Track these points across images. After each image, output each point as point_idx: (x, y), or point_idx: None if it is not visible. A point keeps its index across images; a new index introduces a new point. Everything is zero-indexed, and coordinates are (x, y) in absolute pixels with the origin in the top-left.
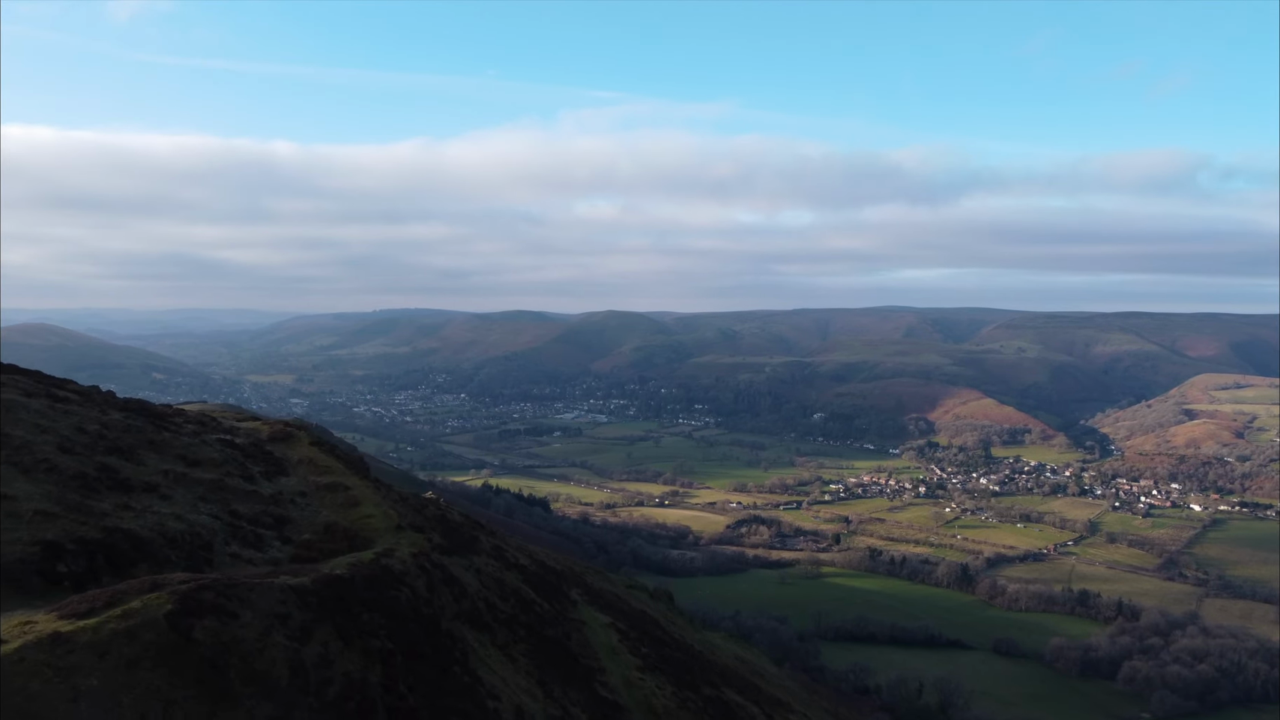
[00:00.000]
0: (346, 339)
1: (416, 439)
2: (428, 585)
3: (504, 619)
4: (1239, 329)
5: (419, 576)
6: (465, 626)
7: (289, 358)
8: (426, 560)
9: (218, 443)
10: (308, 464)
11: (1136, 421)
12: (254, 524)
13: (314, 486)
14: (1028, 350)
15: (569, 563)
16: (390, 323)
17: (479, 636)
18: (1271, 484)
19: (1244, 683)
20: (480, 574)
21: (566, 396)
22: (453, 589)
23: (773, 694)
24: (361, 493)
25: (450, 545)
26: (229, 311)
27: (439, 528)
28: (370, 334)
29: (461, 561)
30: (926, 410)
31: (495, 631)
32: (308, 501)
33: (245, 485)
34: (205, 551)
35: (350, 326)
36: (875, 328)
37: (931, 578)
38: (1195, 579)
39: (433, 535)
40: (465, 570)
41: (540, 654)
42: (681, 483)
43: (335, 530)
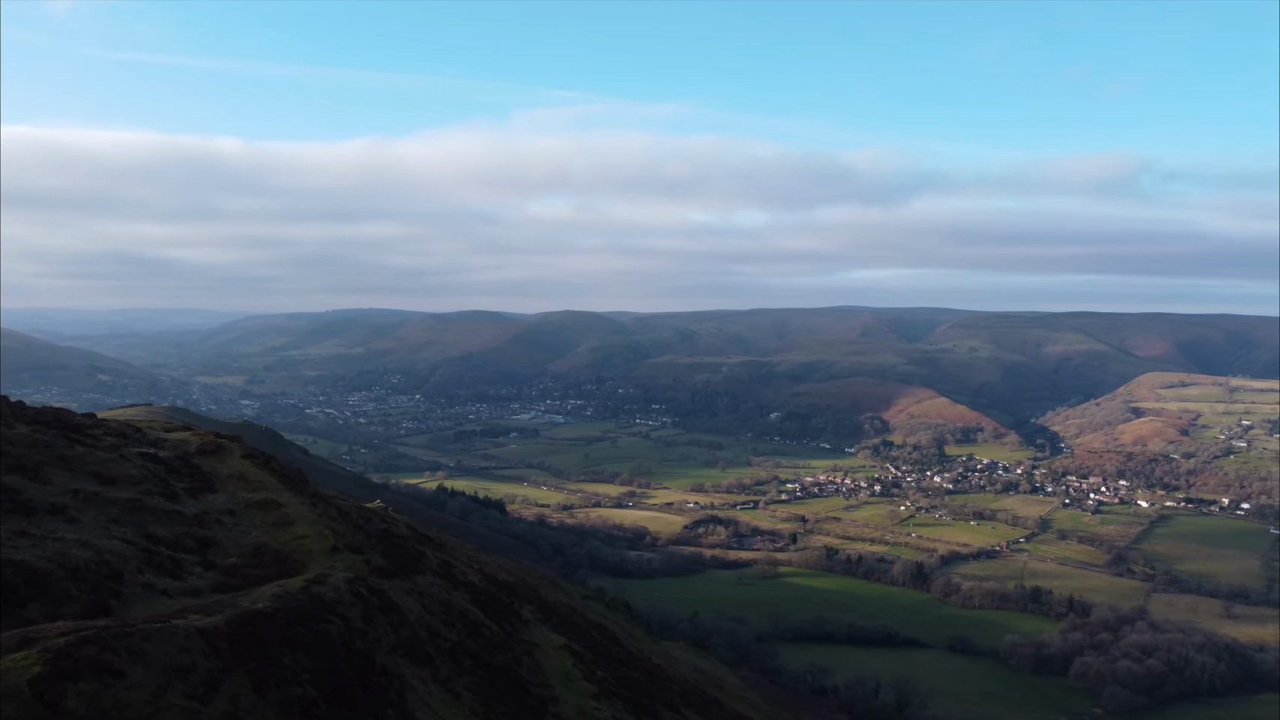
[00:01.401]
0: (299, 339)
1: (370, 441)
2: (363, 615)
3: (448, 648)
4: (1185, 329)
5: (354, 605)
6: (404, 660)
7: (240, 359)
8: (363, 586)
9: (139, 457)
10: (238, 479)
11: (1086, 420)
12: (173, 548)
13: (244, 504)
14: (981, 350)
15: (523, 573)
16: (344, 323)
17: (419, 671)
18: (1216, 480)
19: (1191, 677)
20: (424, 597)
21: (523, 397)
22: (392, 617)
23: (734, 709)
24: (296, 510)
25: (392, 566)
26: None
27: (381, 545)
28: (324, 334)
29: (404, 584)
30: (882, 409)
31: (438, 664)
32: (236, 521)
33: (166, 504)
34: (114, 583)
35: (303, 327)
36: (832, 328)
37: (887, 576)
38: (1143, 575)
39: (373, 556)
40: (407, 594)
41: (487, 686)
42: (639, 483)
43: (265, 553)
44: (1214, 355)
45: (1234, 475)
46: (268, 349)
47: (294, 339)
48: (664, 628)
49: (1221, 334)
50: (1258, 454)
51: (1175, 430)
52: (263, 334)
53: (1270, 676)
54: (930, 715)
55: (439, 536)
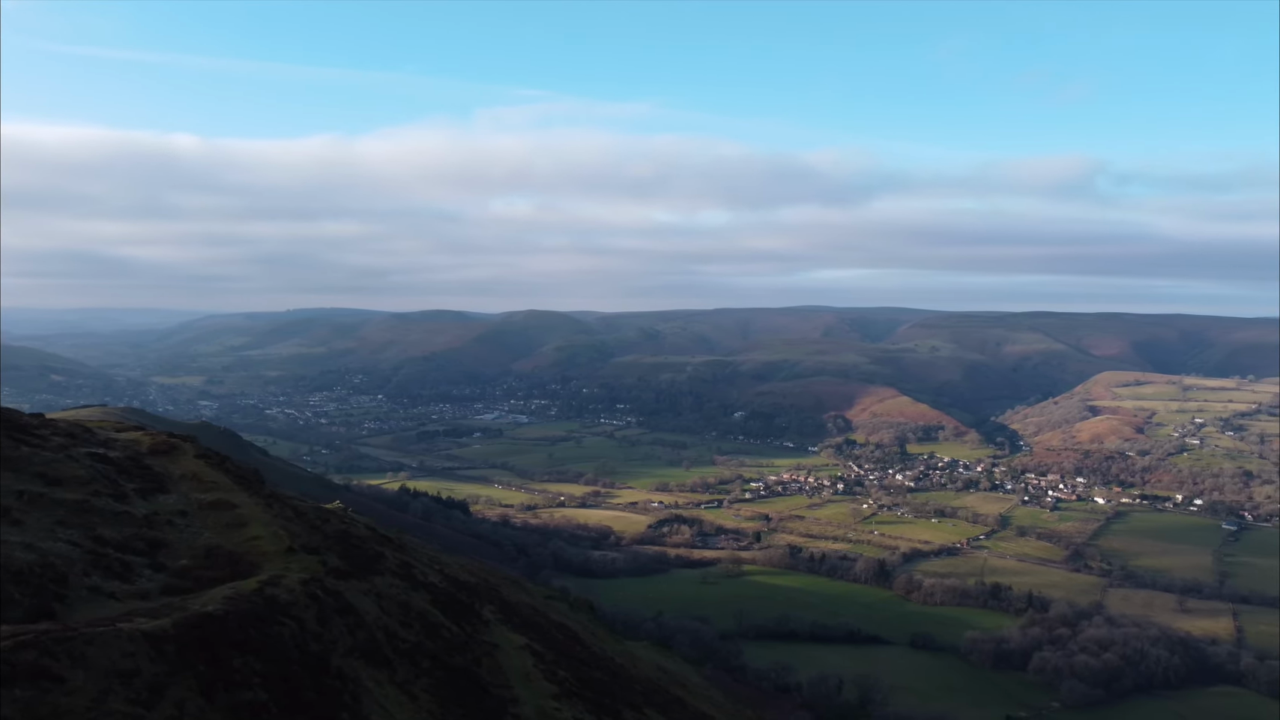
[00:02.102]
0: (259, 339)
1: (332, 441)
2: (318, 617)
3: (406, 649)
4: (1140, 329)
5: (308, 607)
6: (360, 662)
7: (198, 358)
8: (319, 587)
9: (88, 457)
10: (191, 480)
11: (1044, 418)
12: (122, 550)
13: (197, 505)
14: (942, 349)
15: (485, 574)
16: (305, 322)
17: (376, 673)
18: (1170, 477)
19: (1146, 670)
20: (382, 599)
21: (487, 397)
22: (348, 619)
23: (698, 708)
24: (250, 511)
25: (350, 567)
26: (134, 311)
27: (339, 546)
28: (284, 334)
29: (361, 585)
30: (845, 408)
31: (395, 666)
32: (188, 522)
33: (115, 506)
34: (58, 586)
35: (263, 326)
36: (795, 327)
37: (850, 574)
38: (1100, 570)
39: (329, 556)
40: (364, 596)
41: (446, 687)
42: (603, 483)
43: (217, 555)
44: (1168, 354)
45: (1187, 472)
46: (227, 349)
47: (254, 339)
48: (628, 627)
49: (1175, 334)
50: (1210, 451)
51: (1131, 428)
52: (222, 334)
53: (1222, 669)
54: (892, 711)
55: (399, 537)
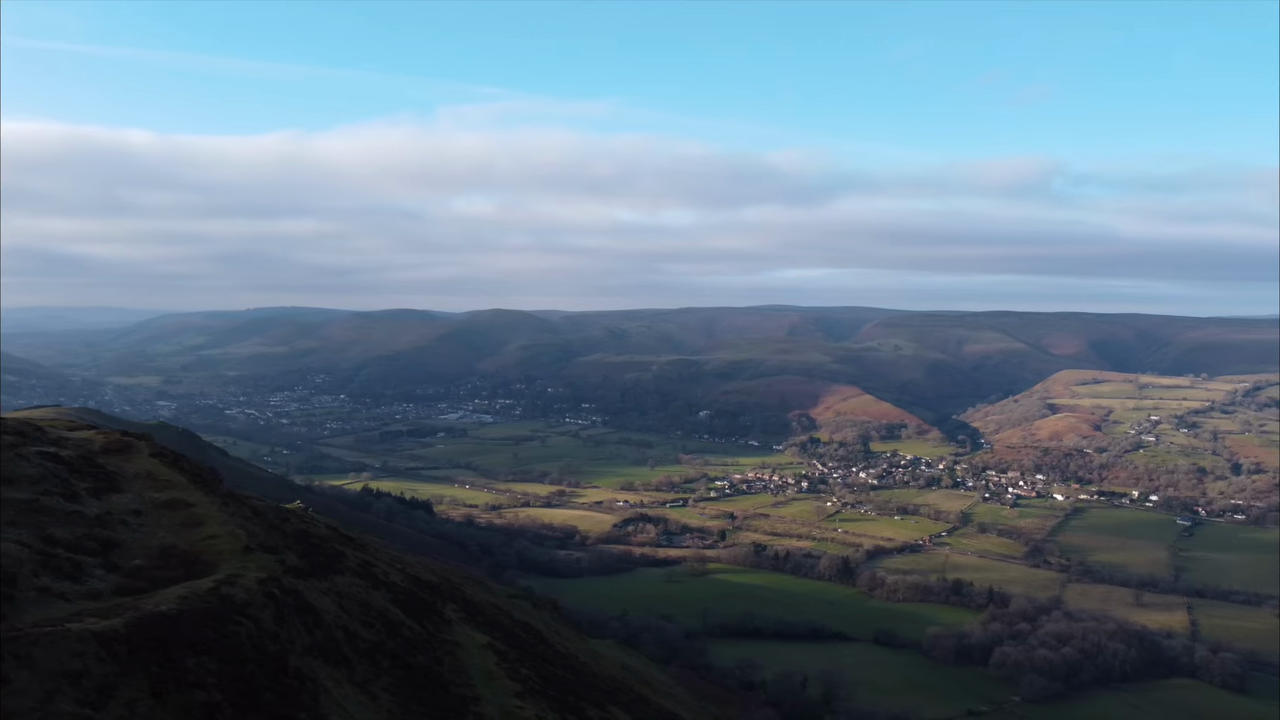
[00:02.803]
0: (219, 338)
1: (293, 442)
2: (276, 616)
3: (366, 649)
4: (1097, 327)
5: (265, 606)
6: (319, 661)
7: (156, 358)
8: (276, 586)
9: (38, 456)
10: (146, 479)
11: (1005, 416)
12: (73, 550)
13: (151, 504)
14: (904, 348)
15: (447, 573)
16: (266, 321)
17: (334, 673)
18: (1127, 474)
19: (1104, 663)
20: (342, 598)
21: (451, 397)
22: (306, 618)
23: (661, 705)
24: (206, 510)
25: (309, 566)
26: (90, 310)
27: (298, 545)
28: (245, 333)
29: (321, 584)
30: (809, 407)
31: (355, 665)
32: (142, 522)
33: (67, 505)
34: (6, 586)
35: (223, 325)
36: (760, 326)
37: (814, 571)
38: (1059, 565)
39: (288, 555)
40: (324, 595)
41: (407, 687)
42: (568, 482)
43: (172, 554)
44: (1125, 353)
45: (1143, 468)
46: (186, 348)
47: (213, 338)
48: (593, 626)
49: (1132, 333)
50: (1165, 448)
51: (1089, 426)
52: (180, 333)
53: (1177, 661)
54: (856, 707)
55: (361, 537)
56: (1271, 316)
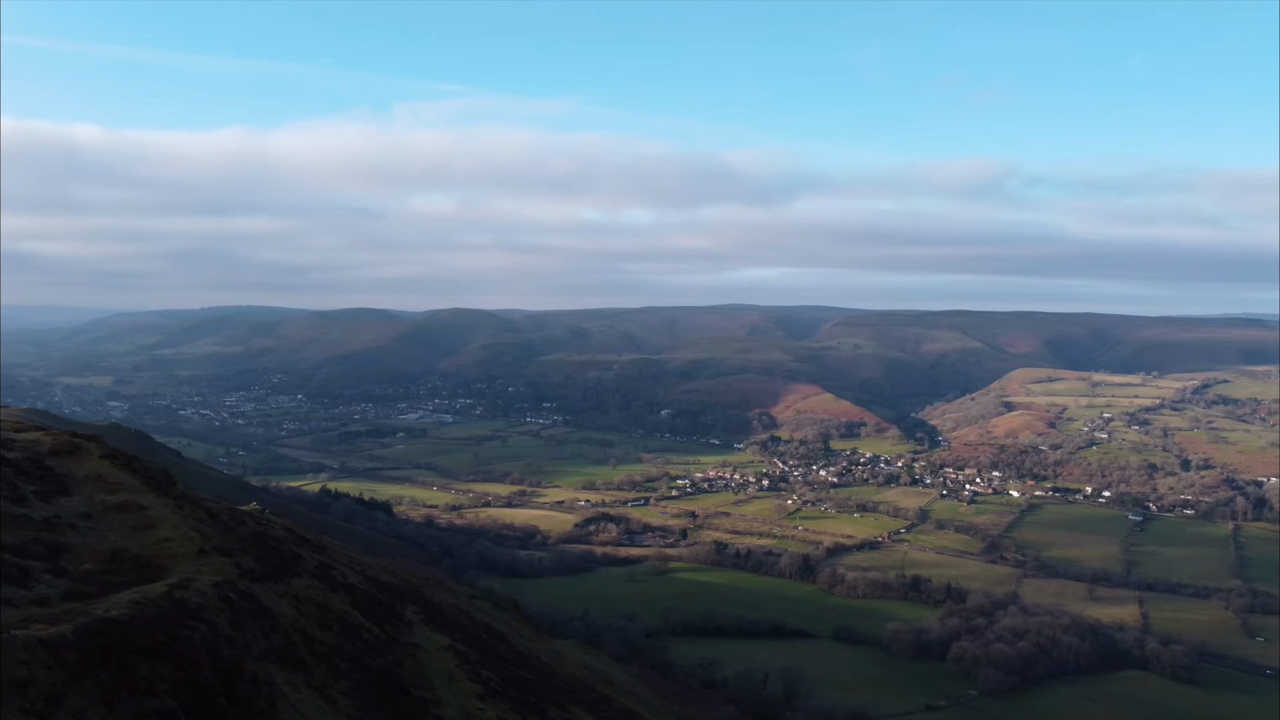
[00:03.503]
0: (173, 338)
1: (250, 442)
2: (231, 620)
3: (324, 652)
4: (1051, 326)
5: (221, 610)
6: (275, 666)
7: (108, 358)
8: (232, 590)
9: None
10: (96, 480)
11: (962, 414)
12: (20, 555)
13: (102, 507)
14: (864, 347)
15: (407, 575)
16: (221, 320)
17: (292, 677)
18: (1080, 470)
19: (1059, 657)
20: (299, 600)
21: (411, 396)
22: (263, 622)
23: (623, 705)
24: (159, 513)
25: (265, 569)
26: (38, 308)
27: (254, 548)
28: (199, 332)
29: (277, 587)
30: (770, 405)
31: (312, 669)
32: (93, 525)
33: (12, 509)
34: None
35: (177, 325)
36: (721, 325)
37: (775, 569)
38: (1015, 561)
39: (244, 558)
40: (281, 598)
41: (366, 690)
42: (530, 482)
43: (123, 558)
44: (1079, 352)
45: (1096, 465)
46: (138, 348)
47: (167, 337)
48: (555, 626)
49: (1085, 331)
50: (1117, 445)
51: (1043, 423)
52: (132, 332)
53: (1130, 654)
54: (817, 704)
55: (319, 539)
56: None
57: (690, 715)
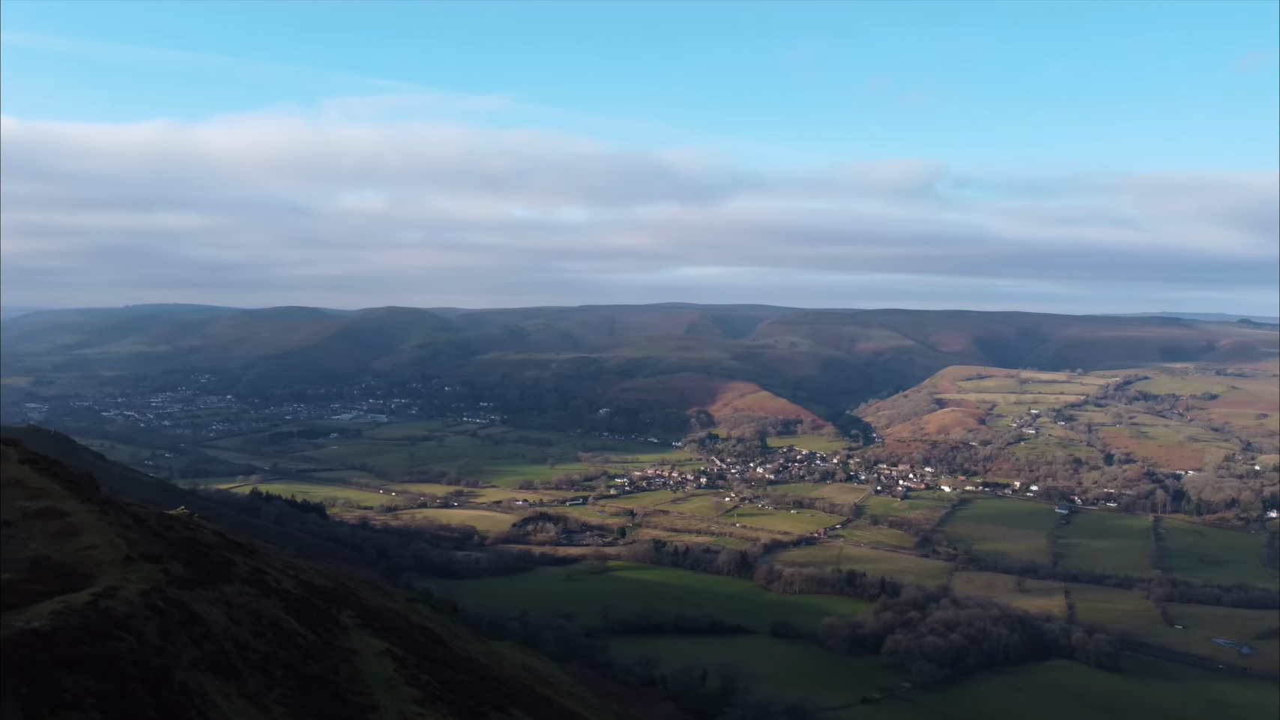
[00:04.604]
0: (95, 337)
1: (177, 444)
2: (160, 629)
3: (258, 660)
4: (981, 325)
5: (149, 619)
6: (207, 675)
7: (25, 358)
8: (160, 598)
9: None
10: (15, 486)
11: (895, 411)
12: None
13: (22, 514)
14: (800, 345)
15: (342, 578)
16: (146, 319)
17: (224, 686)
18: (1009, 465)
19: (989, 648)
20: (231, 607)
21: (345, 396)
22: (193, 630)
23: (563, 705)
24: (83, 519)
25: (195, 575)
26: None
27: (184, 553)
28: (123, 331)
29: (208, 594)
30: (708, 403)
31: (245, 677)
32: (12, 533)
33: None
34: None
35: (99, 323)
36: (659, 324)
37: (713, 566)
38: (947, 555)
39: (172, 565)
40: (212, 605)
41: (301, 697)
42: (466, 482)
43: (45, 567)
44: (1007, 350)
45: (1025, 460)
46: (58, 347)
47: (88, 336)
48: (493, 627)
49: (1014, 330)
50: (1044, 440)
51: (974, 419)
52: (51, 331)
53: (1056, 644)
54: (754, 699)
55: (250, 543)
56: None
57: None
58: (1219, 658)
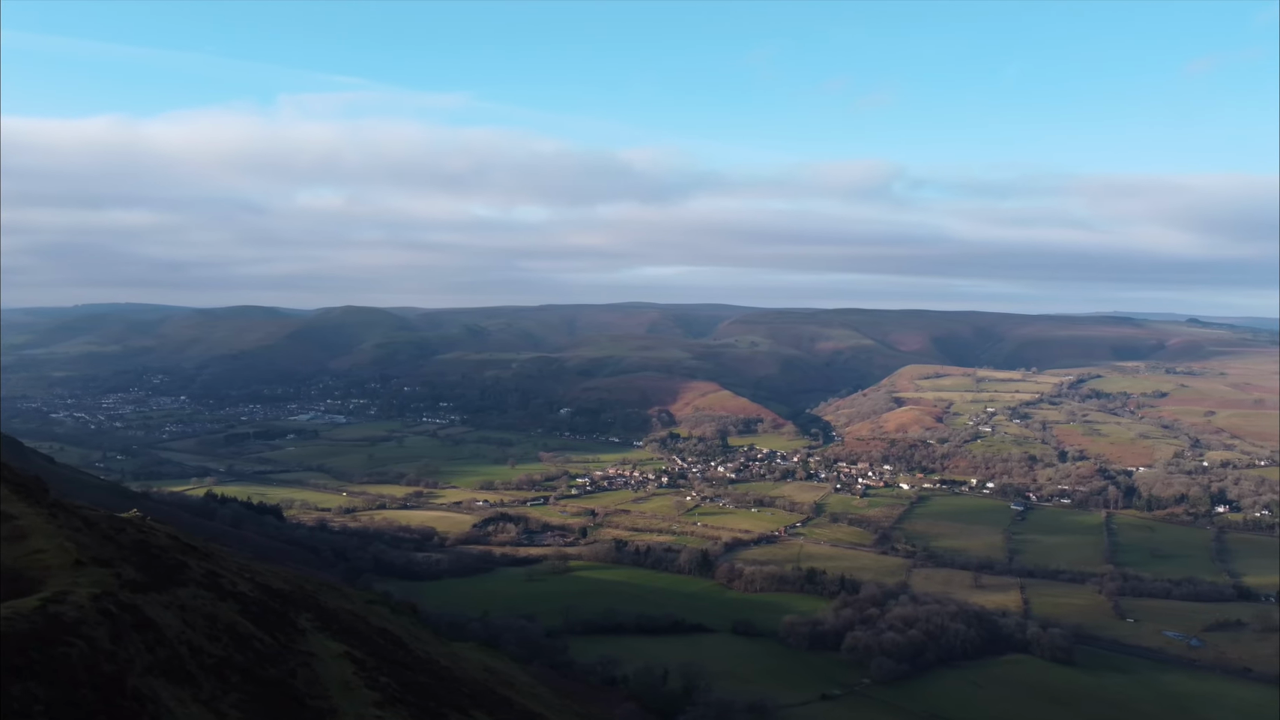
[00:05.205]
0: (43, 337)
1: (129, 446)
2: (112, 634)
3: (213, 664)
4: (939, 324)
5: (100, 624)
6: (161, 681)
7: None
8: (112, 602)
9: None
10: None
11: (855, 409)
12: None
13: None
14: (761, 345)
15: (300, 581)
16: (97, 319)
17: (178, 692)
18: (966, 463)
19: (947, 643)
20: (185, 611)
21: (302, 397)
22: (146, 635)
23: (525, 706)
24: (31, 523)
25: (148, 579)
26: None
27: (136, 557)
28: (73, 331)
29: (162, 598)
30: (669, 403)
31: (201, 682)
32: None
33: None
34: None
35: (47, 323)
36: (621, 324)
37: (675, 565)
38: (905, 552)
39: (124, 568)
40: (165, 609)
41: (258, 702)
42: (427, 483)
43: None
44: (964, 349)
45: (981, 457)
46: (5, 348)
47: (36, 336)
48: (454, 629)
49: (970, 329)
50: (1000, 438)
51: (931, 418)
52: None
53: (1012, 638)
54: (716, 697)
55: (205, 546)
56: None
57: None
58: (1169, 650)
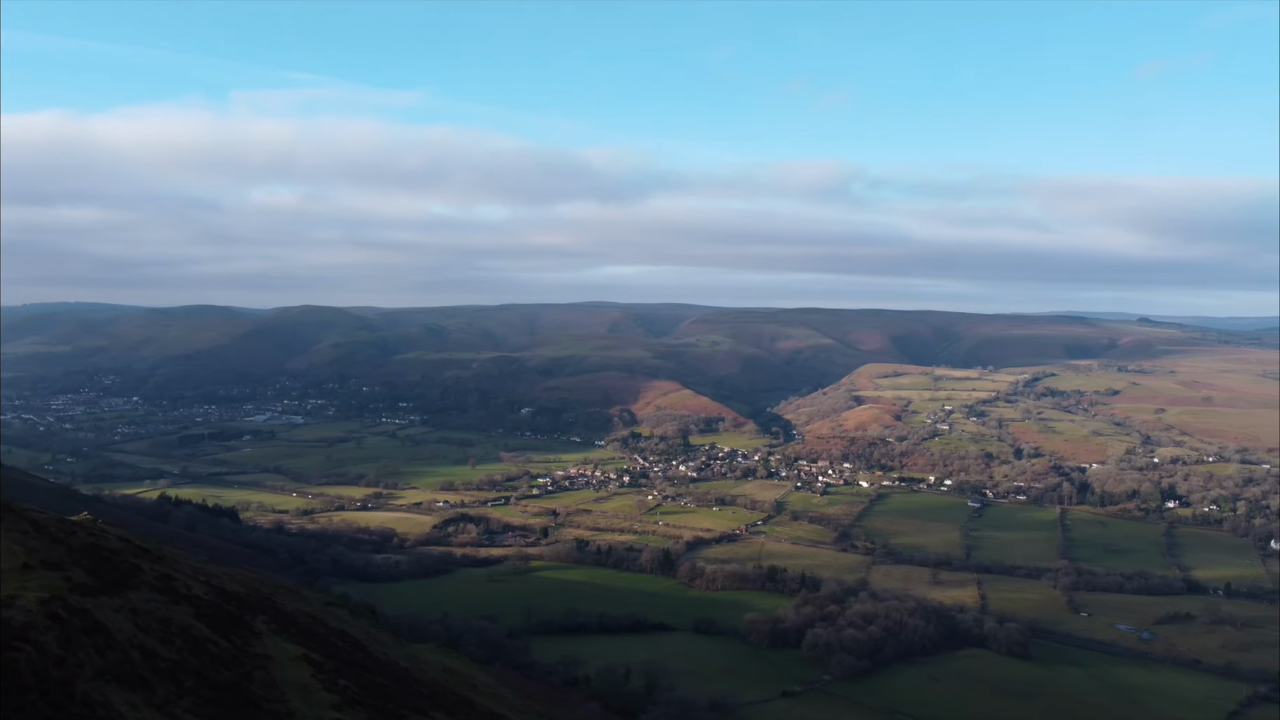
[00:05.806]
0: None
1: (80, 448)
2: (61, 639)
3: (167, 668)
4: (897, 324)
5: (49, 629)
6: (112, 686)
7: None
8: (62, 606)
9: None
10: None
11: (815, 408)
12: None
13: None
14: (722, 344)
15: (256, 583)
16: (46, 318)
17: (130, 696)
18: (924, 460)
19: (906, 639)
20: (138, 615)
21: (258, 397)
22: (97, 639)
23: (486, 707)
24: None
25: (99, 582)
26: None
27: (87, 560)
28: (20, 331)
29: (113, 602)
30: (630, 402)
31: (154, 687)
32: None
33: None
34: None
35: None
36: (582, 323)
37: (636, 565)
38: (865, 549)
39: (75, 572)
40: (117, 612)
41: (213, 706)
42: (386, 484)
43: None
44: (922, 348)
45: (939, 455)
46: None
47: None
48: (414, 630)
49: (928, 328)
50: (957, 436)
51: (890, 416)
52: None
53: (970, 634)
54: (678, 695)
55: (159, 549)
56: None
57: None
58: (1121, 643)
